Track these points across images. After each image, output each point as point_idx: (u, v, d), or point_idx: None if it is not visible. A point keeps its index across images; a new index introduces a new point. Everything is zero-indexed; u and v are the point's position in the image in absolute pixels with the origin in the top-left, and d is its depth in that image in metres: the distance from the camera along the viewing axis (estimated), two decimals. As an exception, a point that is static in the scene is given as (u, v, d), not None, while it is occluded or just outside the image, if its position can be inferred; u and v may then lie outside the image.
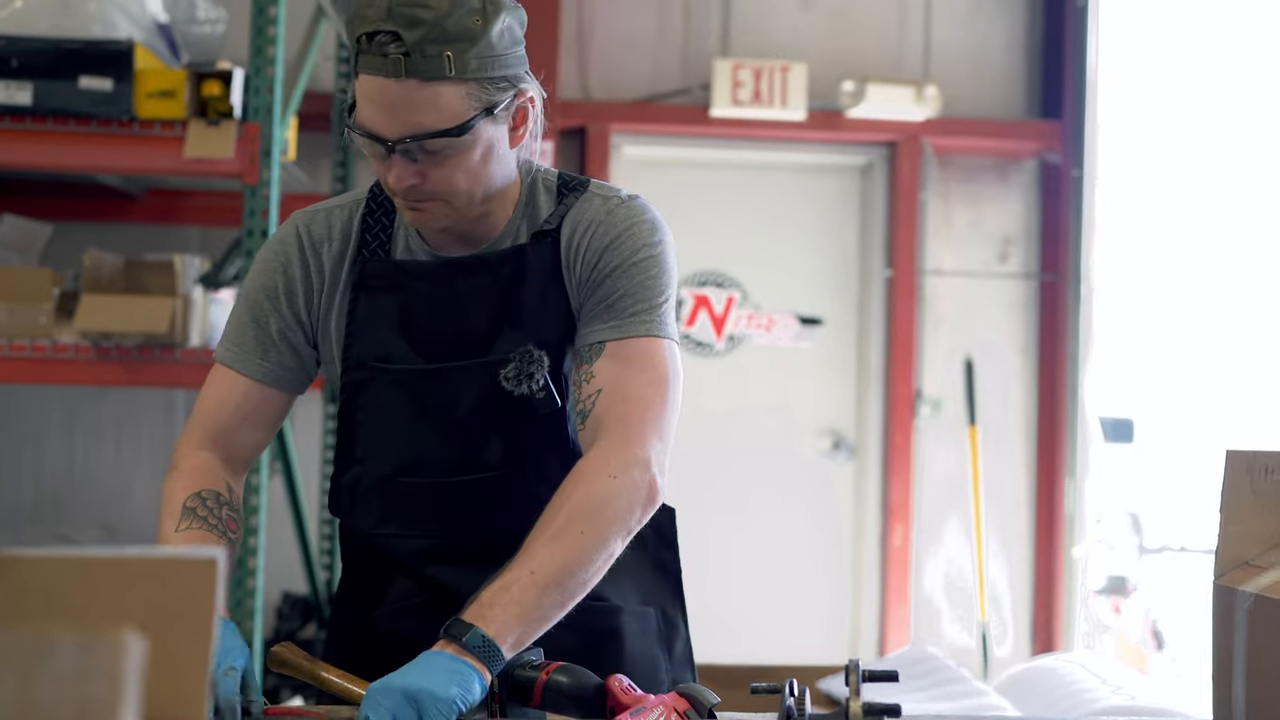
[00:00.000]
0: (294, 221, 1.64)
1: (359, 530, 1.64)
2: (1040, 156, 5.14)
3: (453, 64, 1.42)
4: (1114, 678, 3.08)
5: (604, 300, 1.54)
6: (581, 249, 1.56)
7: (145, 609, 0.78)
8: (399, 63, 1.41)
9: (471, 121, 1.45)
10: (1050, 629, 5.04)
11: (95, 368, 3.36)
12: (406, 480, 1.59)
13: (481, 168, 1.50)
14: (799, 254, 5.14)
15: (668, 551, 1.68)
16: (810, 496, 5.10)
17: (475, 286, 1.57)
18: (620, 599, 1.60)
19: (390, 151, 1.45)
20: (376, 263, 1.59)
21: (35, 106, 3.26)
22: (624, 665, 1.54)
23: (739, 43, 5.04)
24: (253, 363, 1.62)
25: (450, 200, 1.50)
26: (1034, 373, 5.15)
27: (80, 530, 4.78)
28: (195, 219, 4.72)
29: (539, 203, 1.60)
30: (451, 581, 1.56)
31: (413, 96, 1.42)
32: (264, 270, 1.63)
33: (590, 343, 1.54)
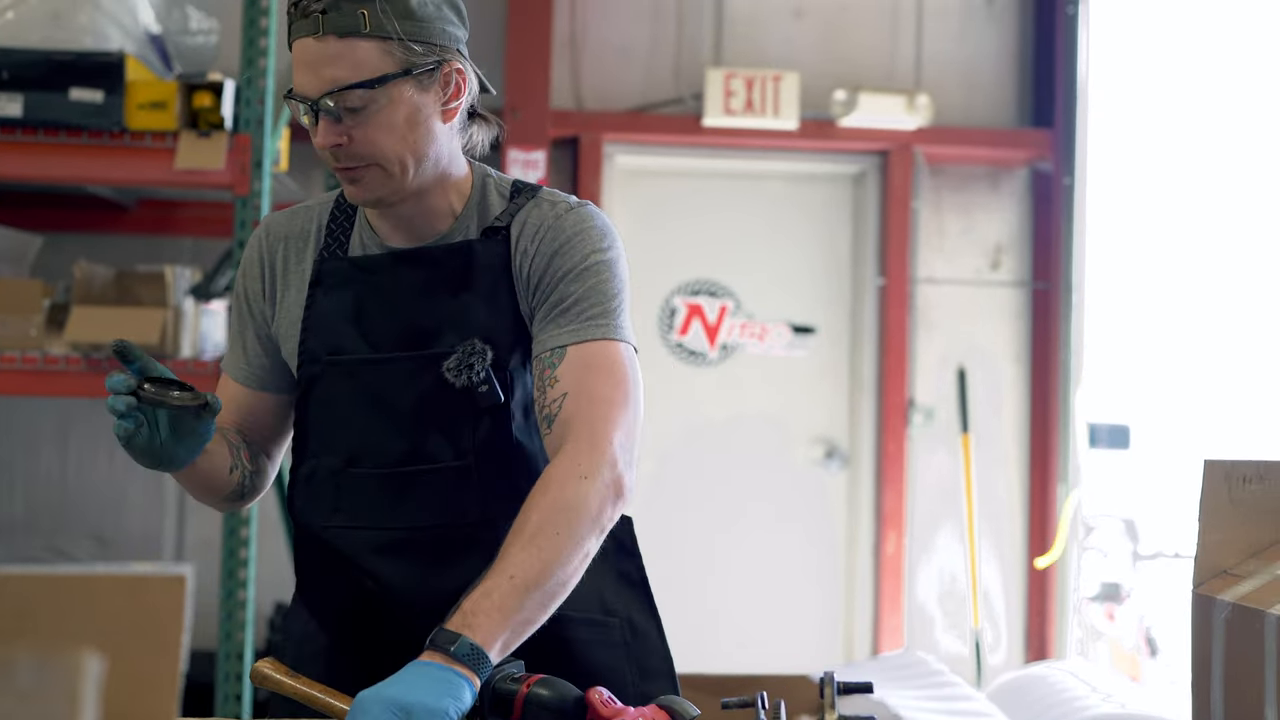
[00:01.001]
0: (263, 223, 1.70)
1: (311, 524, 1.65)
2: (1031, 165, 5.15)
3: (368, 21, 1.49)
4: (1104, 685, 3.09)
5: (559, 305, 1.57)
6: (530, 253, 1.59)
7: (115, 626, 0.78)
8: (318, 20, 1.49)
9: (388, 77, 1.50)
10: (1044, 636, 5.05)
11: (86, 379, 3.36)
12: (355, 471, 1.61)
13: (408, 132, 1.53)
14: (792, 263, 5.15)
15: (629, 561, 1.68)
16: (803, 505, 5.11)
17: (423, 279, 1.60)
18: (573, 608, 1.53)
19: (314, 110, 1.50)
20: (332, 260, 1.63)
21: (26, 118, 3.27)
22: (578, 676, 1.48)
23: (731, 52, 5.05)
24: (239, 367, 1.69)
25: (382, 164, 1.53)
26: (1026, 381, 5.16)
27: (73, 542, 4.78)
28: (187, 230, 4.73)
29: (490, 203, 1.63)
30: (395, 577, 1.58)
31: (330, 51, 1.49)
32: (240, 276, 1.70)
33: (551, 347, 1.55)
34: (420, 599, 1.56)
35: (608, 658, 1.62)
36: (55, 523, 4.79)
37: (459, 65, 1.56)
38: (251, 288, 1.67)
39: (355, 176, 1.54)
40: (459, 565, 1.56)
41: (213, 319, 3.75)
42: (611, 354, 1.55)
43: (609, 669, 1.61)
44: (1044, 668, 3.48)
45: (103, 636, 0.77)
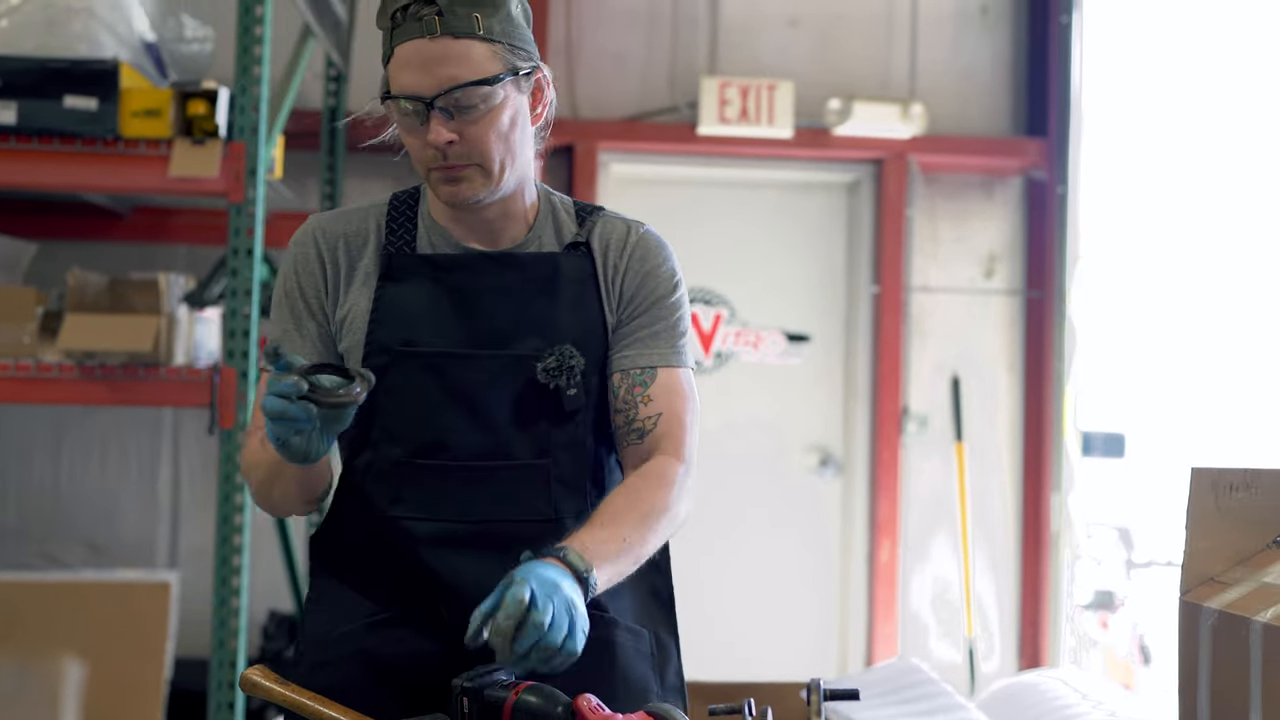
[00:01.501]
0: (309, 224, 1.71)
1: (365, 516, 1.65)
2: (1025, 174, 5.16)
3: (480, 24, 1.56)
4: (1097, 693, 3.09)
5: (649, 327, 1.68)
6: (621, 269, 1.69)
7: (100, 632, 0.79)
8: (434, 22, 1.55)
9: (500, 76, 1.56)
10: (1037, 644, 5.05)
11: (79, 387, 3.36)
12: (424, 462, 1.62)
13: (510, 133, 1.60)
14: (786, 271, 5.16)
15: (660, 578, 1.74)
16: (798, 513, 5.11)
17: (510, 281, 1.65)
18: (618, 613, 1.66)
19: (430, 107, 1.55)
20: (403, 256, 1.66)
21: (20, 125, 3.27)
22: (616, 680, 1.60)
23: (726, 61, 5.06)
24: None
25: (484, 165, 1.59)
26: (1020, 389, 5.17)
27: (67, 549, 4.77)
28: (182, 237, 4.72)
29: (560, 219, 1.71)
30: (451, 570, 1.60)
31: (447, 51, 1.55)
32: (291, 276, 1.69)
33: (642, 366, 1.67)
34: (472, 594, 1.57)
35: (640, 666, 1.68)
36: (48, 530, 4.78)
37: (544, 72, 1.65)
38: (309, 284, 1.67)
39: (458, 176, 1.59)
40: (509, 560, 1.58)
41: (206, 327, 3.75)
42: (689, 381, 1.70)
43: (641, 677, 1.67)
44: (1036, 676, 3.48)
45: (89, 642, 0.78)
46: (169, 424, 4.87)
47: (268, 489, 1.64)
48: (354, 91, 4.94)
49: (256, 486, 1.66)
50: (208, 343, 3.75)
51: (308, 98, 4.87)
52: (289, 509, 1.69)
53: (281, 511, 1.71)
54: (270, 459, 1.57)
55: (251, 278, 3.33)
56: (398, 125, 1.63)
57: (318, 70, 4.88)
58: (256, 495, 1.68)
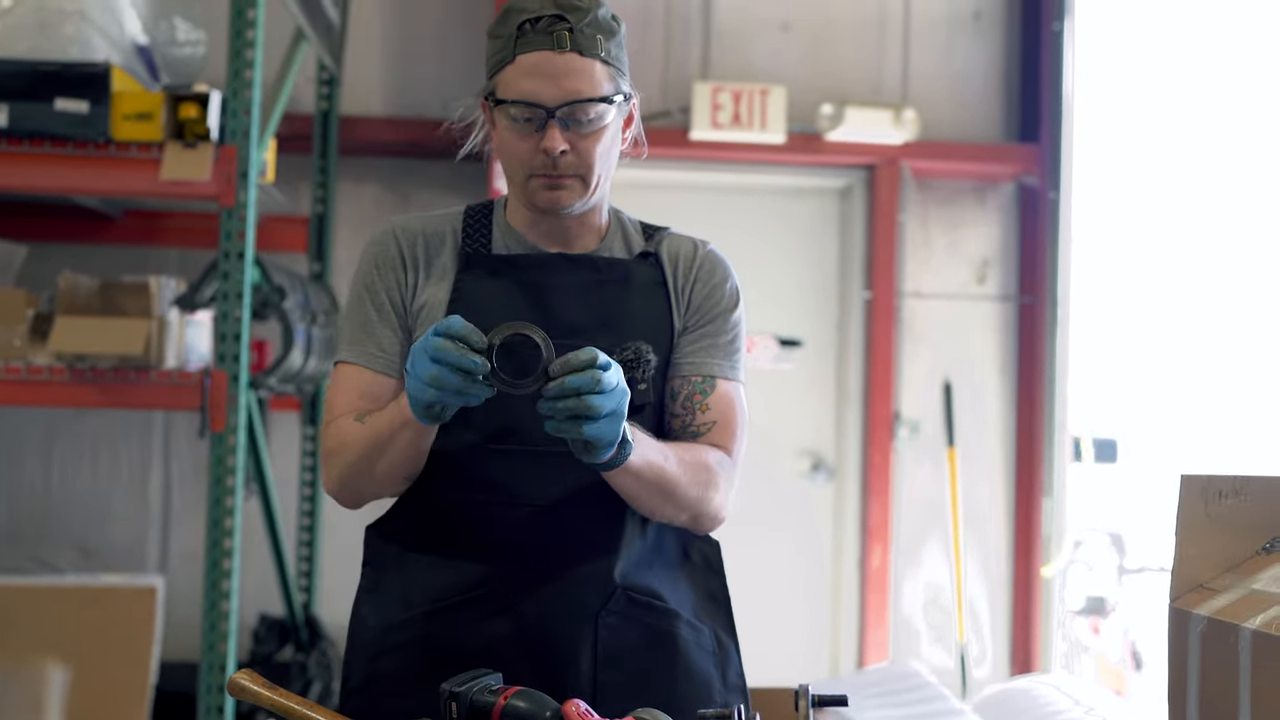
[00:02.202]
0: (387, 224, 1.78)
1: (441, 500, 1.68)
2: (1017, 179, 5.17)
3: (602, 46, 1.67)
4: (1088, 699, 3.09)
5: (713, 337, 1.75)
6: (691, 278, 1.77)
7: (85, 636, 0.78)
8: (564, 37, 1.64)
9: (613, 97, 1.67)
10: (1029, 650, 5.05)
11: (70, 390, 3.35)
12: (496, 448, 1.66)
13: (610, 151, 1.70)
14: (778, 276, 5.16)
15: (717, 580, 1.81)
16: (789, 518, 5.11)
17: (582, 280, 1.72)
18: (678, 606, 1.72)
19: (550, 116, 1.63)
20: (480, 255, 1.73)
21: (11, 128, 3.26)
22: (679, 673, 1.68)
23: (719, 66, 5.07)
24: (375, 356, 1.71)
25: (585, 177, 1.68)
26: (1012, 394, 5.17)
27: (57, 552, 4.76)
28: (174, 240, 4.72)
29: (629, 233, 1.80)
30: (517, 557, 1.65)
31: (573, 66, 1.64)
32: (371, 271, 1.74)
33: (704, 374, 1.74)
34: (540, 580, 1.65)
35: (702, 661, 1.73)
36: (39, 533, 4.77)
37: (636, 100, 1.76)
38: (389, 279, 1.73)
39: (560, 184, 1.67)
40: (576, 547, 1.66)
41: (197, 330, 3.74)
42: (742, 397, 1.79)
43: (703, 671, 1.73)
44: (1028, 681, 3.48)
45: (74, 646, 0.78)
46: (160, 427, 4.86)
47: (368, 465, 1.64)
48: (346, 95, 4.94)
49: (350, 465, 1.65)
50: (199, 346, 3.74)
51: (300, 101, 4.87)
52: (386, 486, 1.68)
53: (375, 490, 1.69)
54: (375, 434, 1.61)
55: (243, 281, 3.32)
56: (499, 129, 1.69)
57: (310, 73, 4.88)
58: (346, 477, 1.67)
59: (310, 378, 4.39)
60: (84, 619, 0.72)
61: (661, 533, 1.75)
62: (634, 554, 1.70)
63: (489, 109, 1.71)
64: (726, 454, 1.73)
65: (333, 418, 1.70)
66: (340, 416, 1.69)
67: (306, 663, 4.46)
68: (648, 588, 1.70)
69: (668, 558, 1.76)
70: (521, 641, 1.63)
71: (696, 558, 1.79)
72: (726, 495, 1.72)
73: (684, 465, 1.64)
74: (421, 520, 1.71)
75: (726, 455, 1.73)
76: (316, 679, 4.43)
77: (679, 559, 1.77)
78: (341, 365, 1.73)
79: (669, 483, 1.62)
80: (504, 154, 1.70)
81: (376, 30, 5.01)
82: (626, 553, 1.69)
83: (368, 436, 1.62)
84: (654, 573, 1.73)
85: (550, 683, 1.57)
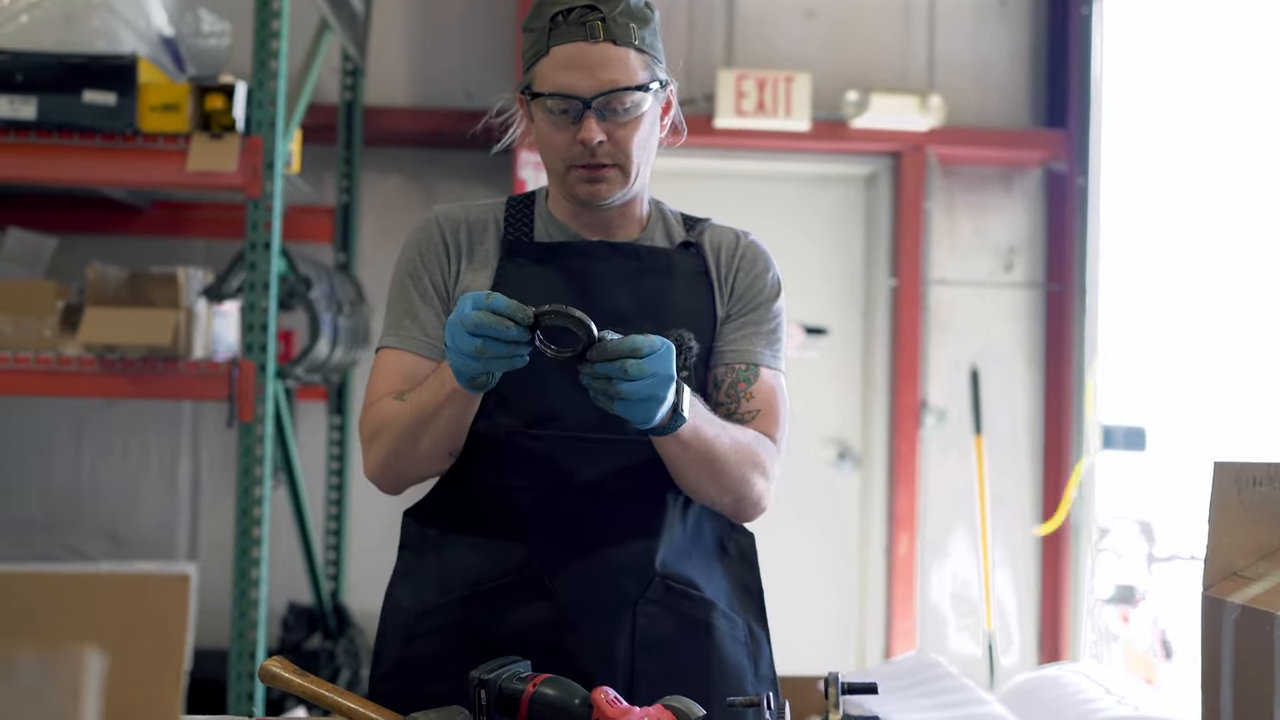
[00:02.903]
0: (430, 213, 1.79)
1: (478, 486, 1.69)
2: (1045, 165, 5.14)
3: (636, 34, 1.66)
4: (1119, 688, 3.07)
5: (755, 326, 1.75)
6: (734, 267, 1.77)
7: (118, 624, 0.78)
8: (597, 28, 1.64)
9: (649, 84, 1.66)
10: (1057, 639, 5.03)
11: (99, 380, 3.37)
12: (538, 433, 1.66)
13: (649, 139, 1.69)
14: (804, 264, 5.14)
15: (750, 572, 1.81)
16: (816, 507, 5.10)
17: (624, 268, 1.72)
18: (714, 596, 1.72)
19: (586, 107, 1.63)
20: (522, 243, 1.74)
21: (40, 120, 3.28)
22: (714, 664, 1.68)
23: (743, 53, 5.05)
24: (418, 340, 1.72)
25: (625, 166, 1.67)
26: (1040, 382, 5.15)
27: (88, 541, 4.80)
28: (201, 231, 4.74)
29: (670, 223, 1.80)
30: (556, 542, 1.64)
31: (608, 56, 1.64)
32: (414, 257, 1.75)
33: (747, 362, 1.73)
34: (578, 565, 1.65)
35: (735, 652, 1.74)
36: (70, 522, 4.81)
37: (673, 87, 1.75)
38: (433, 264, 1.74)
39: (600, 176, 1.67)
40: (615, 534, 1.66)
41: (225, 320, 3.76)
42: (784, 387, 1.78)
43: (736, 663, 1.73)
44: (1058, 669, 3.46)
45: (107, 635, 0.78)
46: (188, 417, 4.89)
47: (412, 442, 1.64)
48: (371, 85, 4.94)
49: (394, 444, 1.65)
50: (226, 336, 3.76)
51: (325, 92, 4.88)
52: (430, 463, 1.68)
53: (417, 469, 1.69)
54: (418, 409, 1.61)
55: (269, 271, 3.33)
56: (537, 122, 1.69)
57: (334, 64, 4.89)
58: (390, 457, 1.67)
59: (336, 367, 4.41)
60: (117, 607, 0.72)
61: (700, 523, 1.75)
62: (674, 542, 1.71)
63: (525, 103, 1.71)
64: (772, 443, 1.73)
65: (372, 401, 1.70)
66: (380, 399, 1.69)
67: (335, 650, 4.48)
68: (685, 577, 1.71)
69: (705, 548, 1.76)
70: (557, 627, 1.64)
71: (733, 549, 1.79)
72: (770, 484, 1.73)
73: (735, 445, 1.64)
74: (461, 504, 1.72)
75: (772, 444, 1.73)
76: (345, 666, 4.45)
77: (716, 550, 1.78)
78: (384, 351, 1.73)
79: (718, 459, 1.62)
80: (542, 146, 1.70)
81: (400, 20, 5.02)
82: (667, 540, 1.70)
83: (411, 412, 1.63)
84: (692, 562, 1.73)
85: (585, 670, 1.58)
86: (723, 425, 1.65)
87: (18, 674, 0.62)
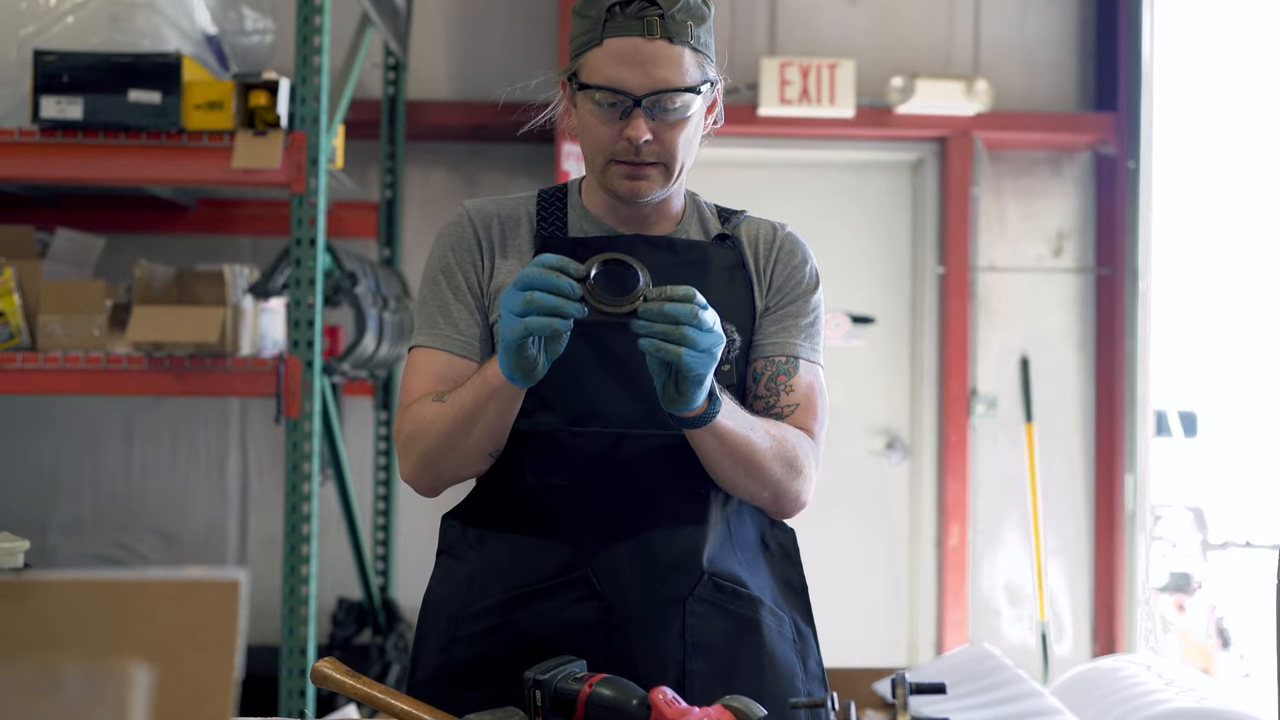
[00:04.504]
0: (460, 208, 1.76)
1: (516, 485, 1.66)
2: (1094, 149, 5.05)
3: (692, 32, 1.61)
4: (1180, 679, 3.02)
5: (795, 318, 1.72)
6: (771, 259, 1.74)
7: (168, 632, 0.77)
8: (655, 24, 1.60)
9: (700, 86, 1.62)
10: (1111, 628, 4.96)
11: (148, 378, 3.38)
12: (578, 430, 1.63)
13: (693, 138, 1.66)
14: (850, 253, 5.09)
15: (793, 568, 1.77)
16: (865, 497, 5.06)
17: (662, 261, 1.68)
18: (759, 593, 1.69)
19: (636, 104, 1.60)
20: (556, 238, 1.70)
21: (86, 120, 3.29)
22: (764, 661, 1.65)
23: (786, 40, 5.00)
24: (451, 339, 1.69)
25: (668, 165, 1.64)
26: (1090, 368, 5.07)
27: (139, 539, 4.84)
28: (246, 229, 4.76)
29: (705, 216, 1.77)
30: (600, 541, 1.62)
31: (663, 54, 1.60)
32: (446, 254, 1.72)
33: (788, 355, 1.71)
34: (624, 564, 1.62)
35: (784, 649, 1.71)
36: (122, 520, 4.85)
37: (721, 85, 1.71)
38: (464, 260, 1.71)
39: (643, 174, 1.64)
40: (661, 531, 1.63)
41: (271, 317, 3.77)
42: (822, 379, 1.75)
43: (785, 660, 1.70)
44: (1115, 661, 3.41)
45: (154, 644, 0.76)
46: (236, 414, 4.92)
47: (452, 443, 1.61)
48: (413, 80, 4.94)
49: (433, 446, 1.62)
50: (273, 333, 3.77)
51: (367, 87, 4.88)
52: (469, 464, 1.65)
53: (456, 471, 1.66)
54: (459, 408, 1.58)
55: (315, 267, 3.33)
56: (582, 112, 1.65)
57: (376, 59, 4.89)
58: (428, 459, 1.64)
59: (382, 363, 4.41)
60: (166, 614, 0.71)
61: (741, 519, 1.72)
62: (718, 539, 1.68)
63: (569, 89, 1.68)
64: (811, 438, 1.70)
65: (409, 402, 1.67)
66: (417, 401, 1.66)
67: (385, 645, 4.49)
68: (732, 574, 1.68)
69: (748, 545, 1.73)
70: (605, 628, 1.61)
71: (774, 546, 1.76)
72: (810, 480, 1.68)
73: (771, 440, 1.61)
74: (502, 504, 1.69)
75: (811, 439, 1.70)
76: (395, 662, 4.46)
77: (759, 546, 1.75)
78: (416, 350, 1.70)
79: (754, 454, 1.59)
80: (585, 138, 1.66)
81: (441, 14, 5.01)
82: (712, 537, 1.67)
83: (452, 412, 1.60)
84: (737, 559, 1.70)
85: (635, 671, 1.55)
86: (759, 420, 1.62)
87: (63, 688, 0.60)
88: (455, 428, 1.59)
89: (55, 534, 4.80)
